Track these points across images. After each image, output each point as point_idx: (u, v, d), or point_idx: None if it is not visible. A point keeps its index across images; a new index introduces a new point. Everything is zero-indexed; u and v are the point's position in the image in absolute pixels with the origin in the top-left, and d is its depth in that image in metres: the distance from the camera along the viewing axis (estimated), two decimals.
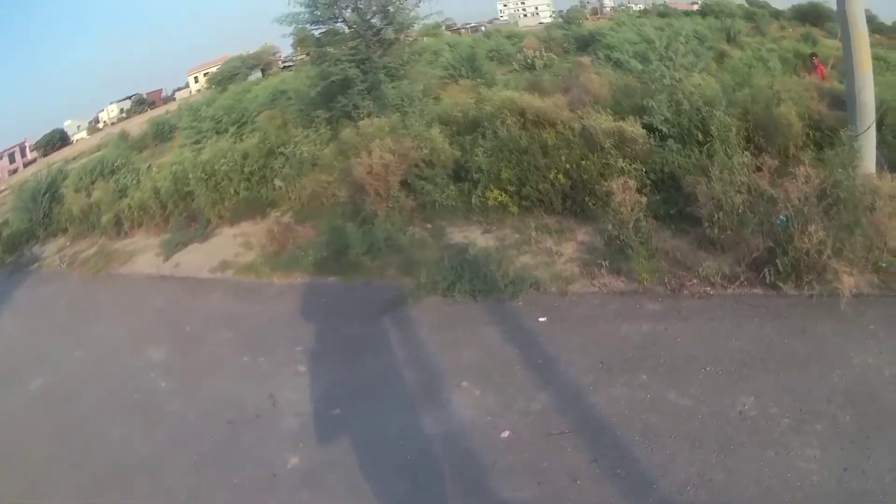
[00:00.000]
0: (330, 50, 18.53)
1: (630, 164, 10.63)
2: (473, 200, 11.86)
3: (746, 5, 65.77)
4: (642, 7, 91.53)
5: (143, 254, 16.23)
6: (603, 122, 11.15)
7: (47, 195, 22.82)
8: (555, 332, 8.08)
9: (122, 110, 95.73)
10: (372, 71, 17.82)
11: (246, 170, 15.53)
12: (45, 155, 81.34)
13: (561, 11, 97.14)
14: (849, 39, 8.69)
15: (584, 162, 10.84)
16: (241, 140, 17.67)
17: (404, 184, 12.76)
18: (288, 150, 15.38)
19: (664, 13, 72.39)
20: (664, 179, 10.62)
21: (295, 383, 8.37)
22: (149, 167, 21.37)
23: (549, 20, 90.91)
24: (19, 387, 10.75)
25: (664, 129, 11.22)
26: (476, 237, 11.34)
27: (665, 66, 17.09)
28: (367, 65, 17.92)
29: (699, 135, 10.81)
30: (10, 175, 73.88)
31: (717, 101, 11.02)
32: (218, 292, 12.36)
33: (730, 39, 38.91)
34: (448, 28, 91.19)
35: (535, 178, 11.11)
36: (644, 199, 9.15)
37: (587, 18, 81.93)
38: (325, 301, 10.74)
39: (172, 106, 62.83)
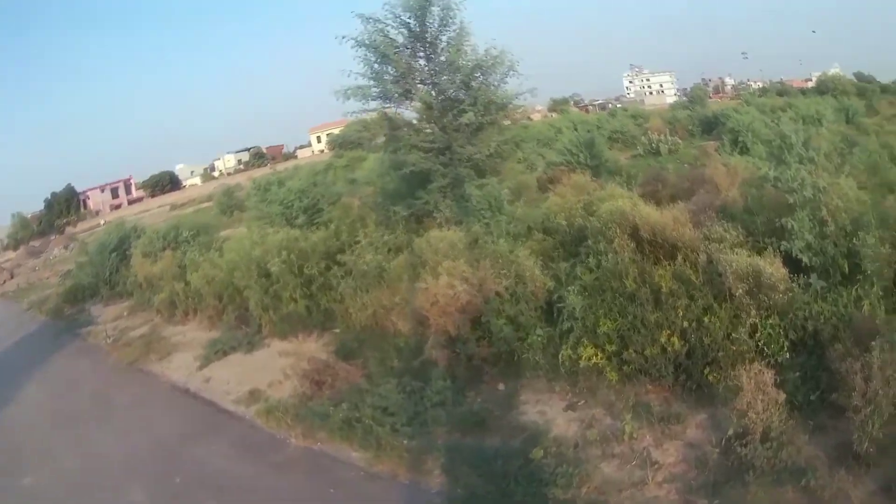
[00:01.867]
0: (406, 133, 16.04)
1: (765, 319, 8.56)
2: (562, 356, 9.49)
3: (856, 81, 65.83)
4: (761, 85, 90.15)
5: (184, 351, 15.46)
6: (736, 259, 9.04)
7: (115, 253, 22.64)
8: None
9: (239, 161, 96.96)
10: (453, 164, 15.29)
11: (307, 272, 13.79)
12: (152, 195, 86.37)
13: (685, 89, 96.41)
14: None
15: (707, 318, 8.76)
16: (313, 231, 16.08)
17: (478, 322, 10.36)
18: (350, 257, 13.34)
19: (782, 91, 72.52)
20: (804, 339, 8.43)
21: None
22: (223, 243, 19.98)
23: (673, 98, 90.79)
24: None
25: (805, 259, 9.19)
26: (555, 416, 9.16)
27: (806, 169, 14.45)
28: (447, 155, 15.36)
29: (845, 265, 8.88)
30: (112, 210, 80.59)
31: (867, 223, 9.04)
32: (228, 437, 11.00)
33: (848, 120, 37.42)
34: (576, 104, 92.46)
35: (641, 338, 8.92)
36: (781, 396, 7.23)
37: (710, 97, 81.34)
38: (332, 494, 8.69)
39: (293, 163, 62.18)
